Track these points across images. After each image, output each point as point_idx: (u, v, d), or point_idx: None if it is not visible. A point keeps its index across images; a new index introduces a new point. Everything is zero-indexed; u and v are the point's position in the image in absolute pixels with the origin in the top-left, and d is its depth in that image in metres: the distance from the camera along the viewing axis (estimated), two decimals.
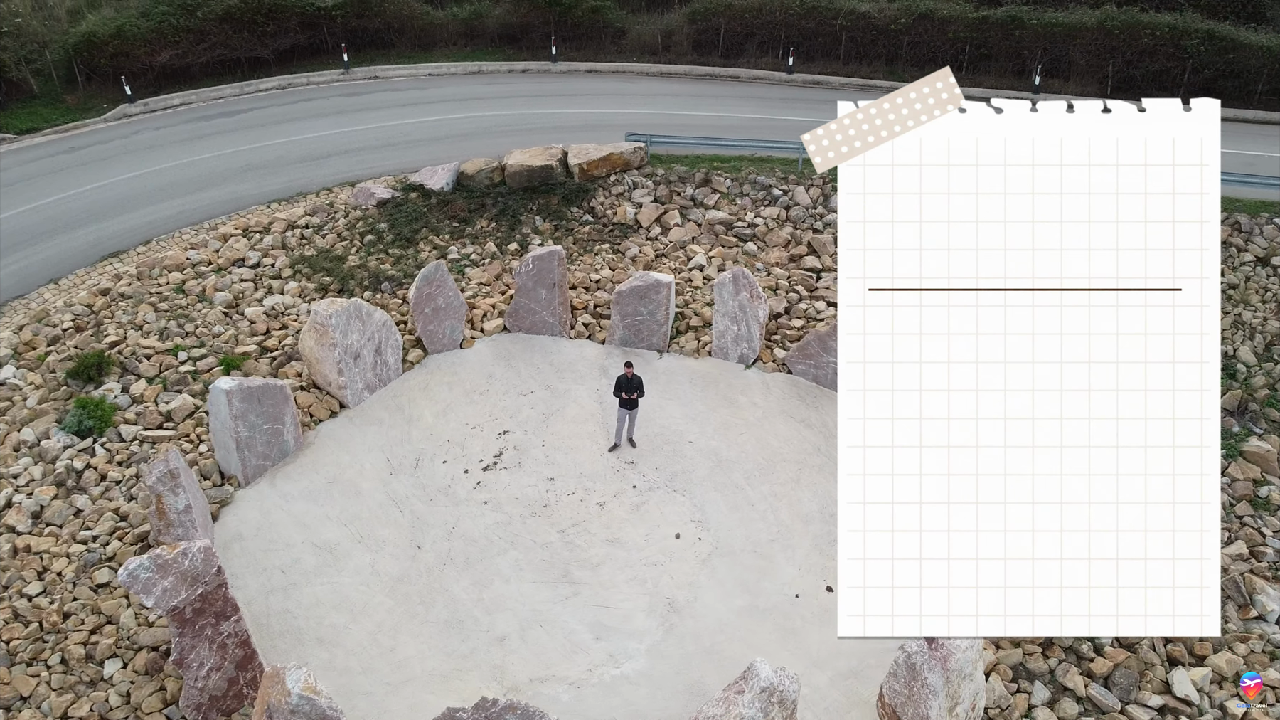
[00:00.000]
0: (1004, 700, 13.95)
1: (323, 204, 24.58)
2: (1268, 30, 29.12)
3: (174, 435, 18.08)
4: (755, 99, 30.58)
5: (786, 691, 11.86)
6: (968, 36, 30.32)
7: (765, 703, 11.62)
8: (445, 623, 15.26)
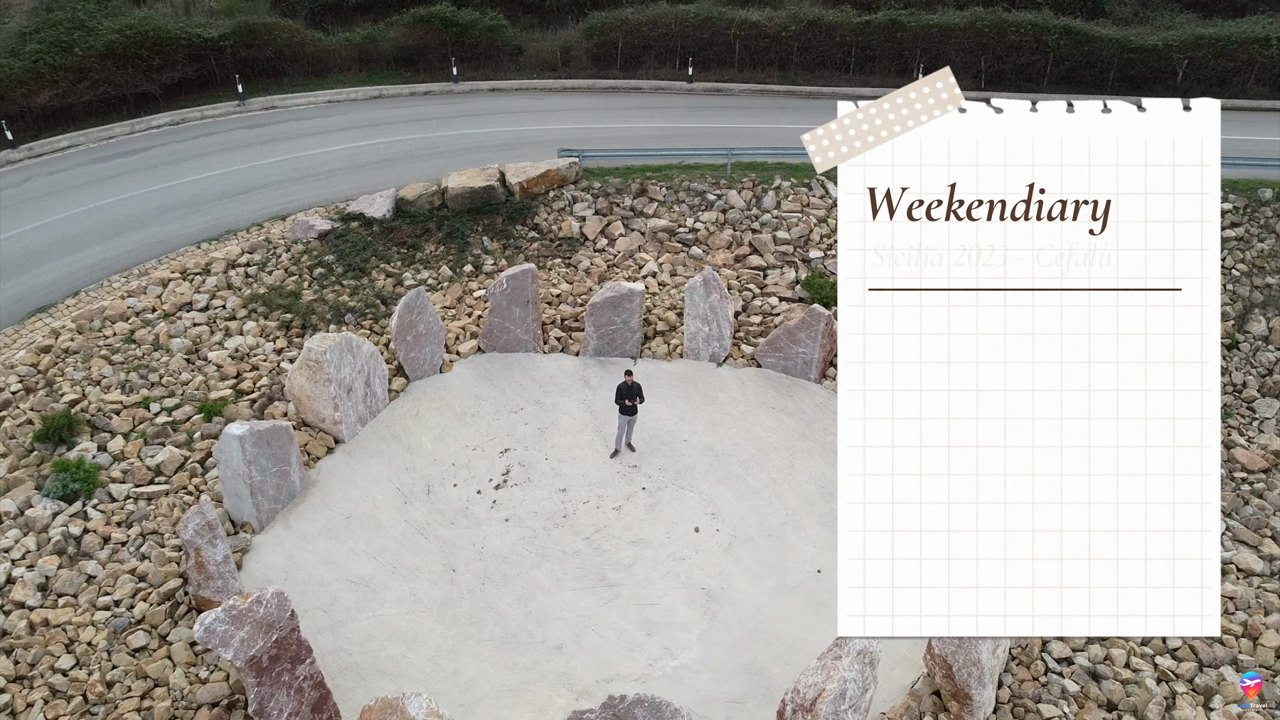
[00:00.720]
0: (1023, 638, 15.47)
1: (259, 240, 23.98)
2: (1108, 23, 32.55)
3: (170, 489, 17.49)
4: (662, 108, 31.66)
5: (875, 652, 12.95)
6: (853, 40, 32.45)
7: (861, 664, 12.65)
8: (500, 639, 15.55)
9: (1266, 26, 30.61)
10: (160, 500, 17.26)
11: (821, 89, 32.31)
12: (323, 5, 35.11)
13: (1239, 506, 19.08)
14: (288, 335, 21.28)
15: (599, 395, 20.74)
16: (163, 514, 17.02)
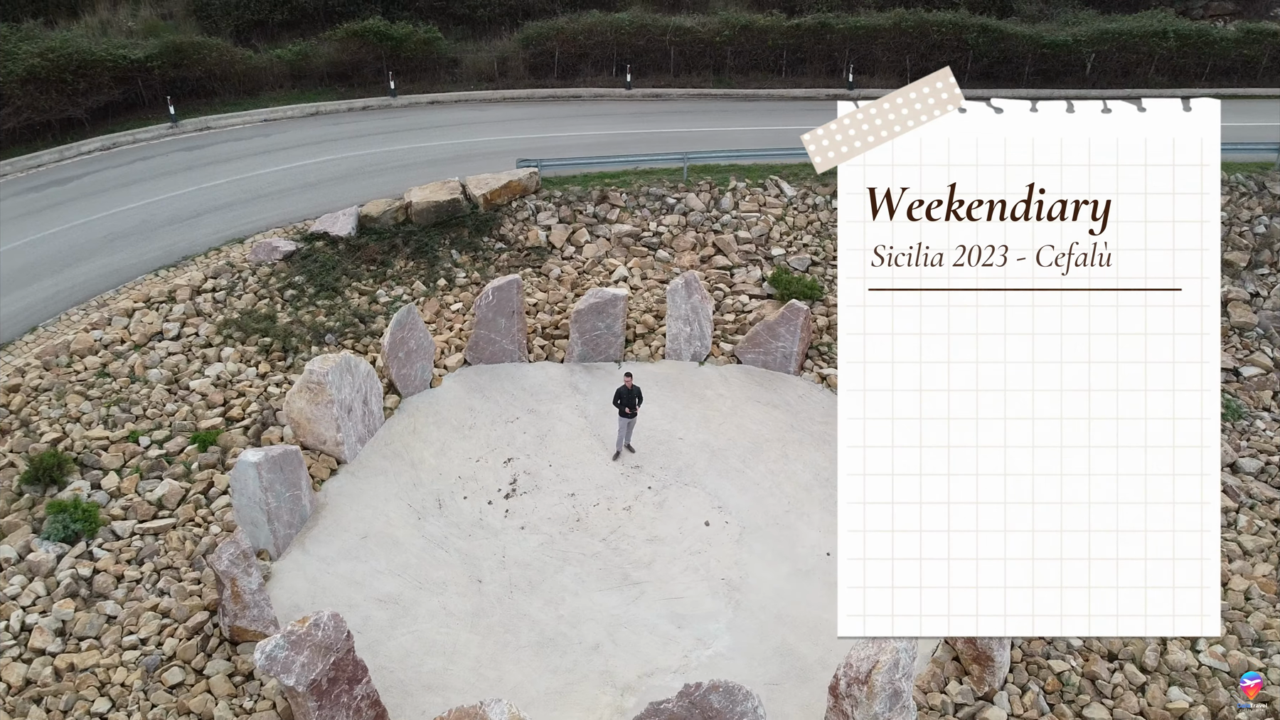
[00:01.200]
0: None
1: (221, 265, 23.49)
2: (1018, 20, 34.46)
3: (175, 522, 17.14)
4: (604, 115, 32.13)
5: None
6: (784, 43, 33.53)
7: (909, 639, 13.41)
8: (538, 644, 15.81)
9: (1163, 21, 32.98)
10: (169, 534, 16.91)
11: (757, 91, 33.29)
12: (247, 22, 34.37)
13: None
14: (269, 359, 20.98)
15: (590, 400, 21.10)
16: (174, 548, 16.68)
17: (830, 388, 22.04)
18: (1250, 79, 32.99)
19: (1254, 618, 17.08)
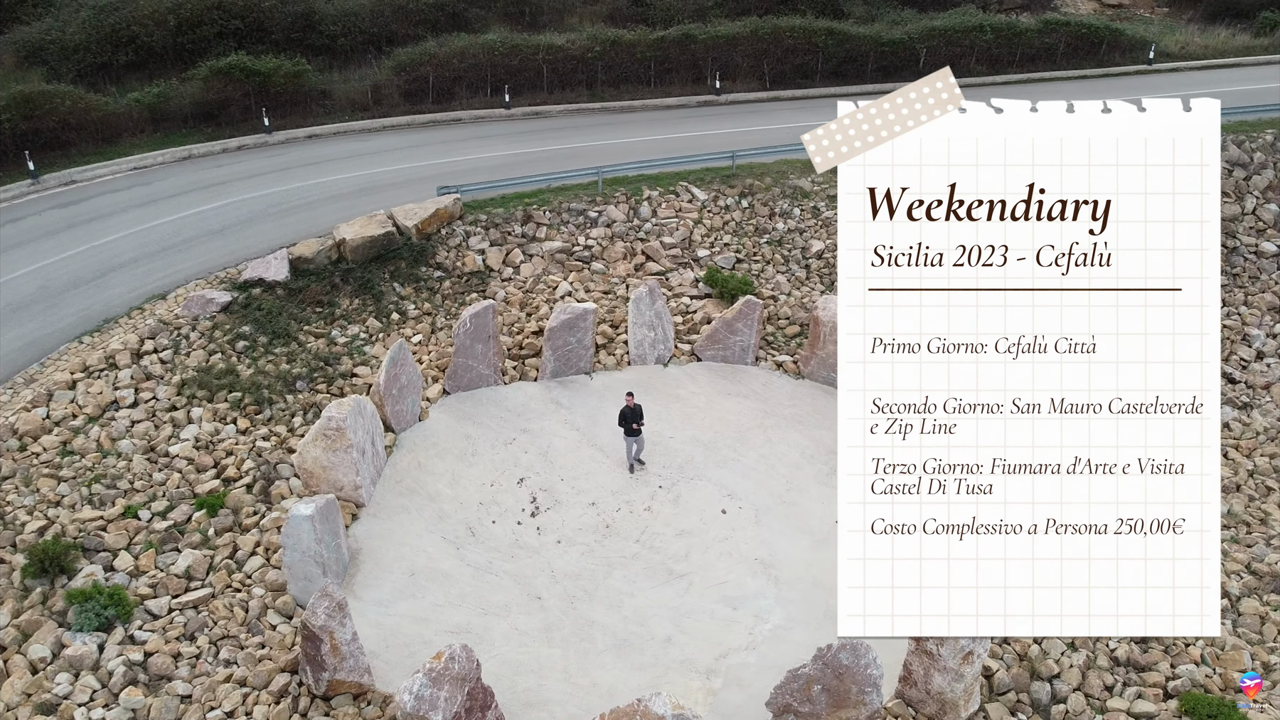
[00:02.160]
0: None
1: (152, 324, 22.27)
2: (853, 22, 37.67)
3: (214, 591, 16.52)
4: (492, 136, 32.45)
5: None
6: (651, 55, 35.05)
7: None
8: (615, 646, 16.51)
9: (979, 17, 37.14)
10: (211, 604, 16.29)
11: (631, 103, 34.66)
12: (90, 66, 32.09)
13: None
14: (244, 414, 20.30)
15: (575, 413, 21.78)
16: (223, 616, 16.11)
17: (787, 373, 23.79)
18: (1051, 64, 37.73)
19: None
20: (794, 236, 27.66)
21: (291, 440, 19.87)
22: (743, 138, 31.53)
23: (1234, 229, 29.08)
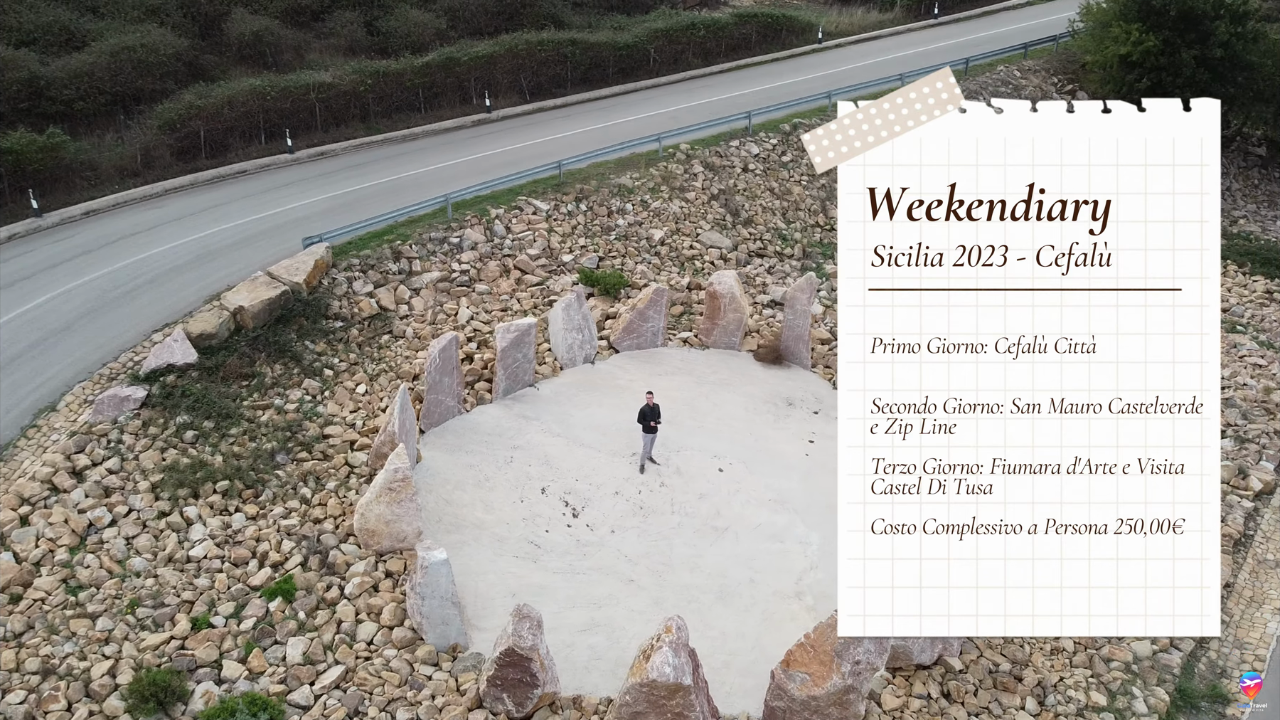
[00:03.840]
0: None
1: (69, 439, 20.01)
2: (576, 31, 40.69)
3: (350, 665, 16.25)
4: (293, 183, 31.19)
5: None
6: (419, 82, 35.47)
7: None
8: (717, 598, 18.68)
9: (691, 16, 41.82)
10: (356, 678, 16.06)
11: (411, 130, 34.88)
12: None
13: None
14: (243, 500, 19.34)
15: (547, 422, 23.01)
16: (375, 684, 15.98)
17: (693, 347, 26.67)
18: (748, 51, 43.48)
19: None
20: (635, 229, 30.43)
21: (314, 511, 19.35)
22: (533, 150, 33.50)
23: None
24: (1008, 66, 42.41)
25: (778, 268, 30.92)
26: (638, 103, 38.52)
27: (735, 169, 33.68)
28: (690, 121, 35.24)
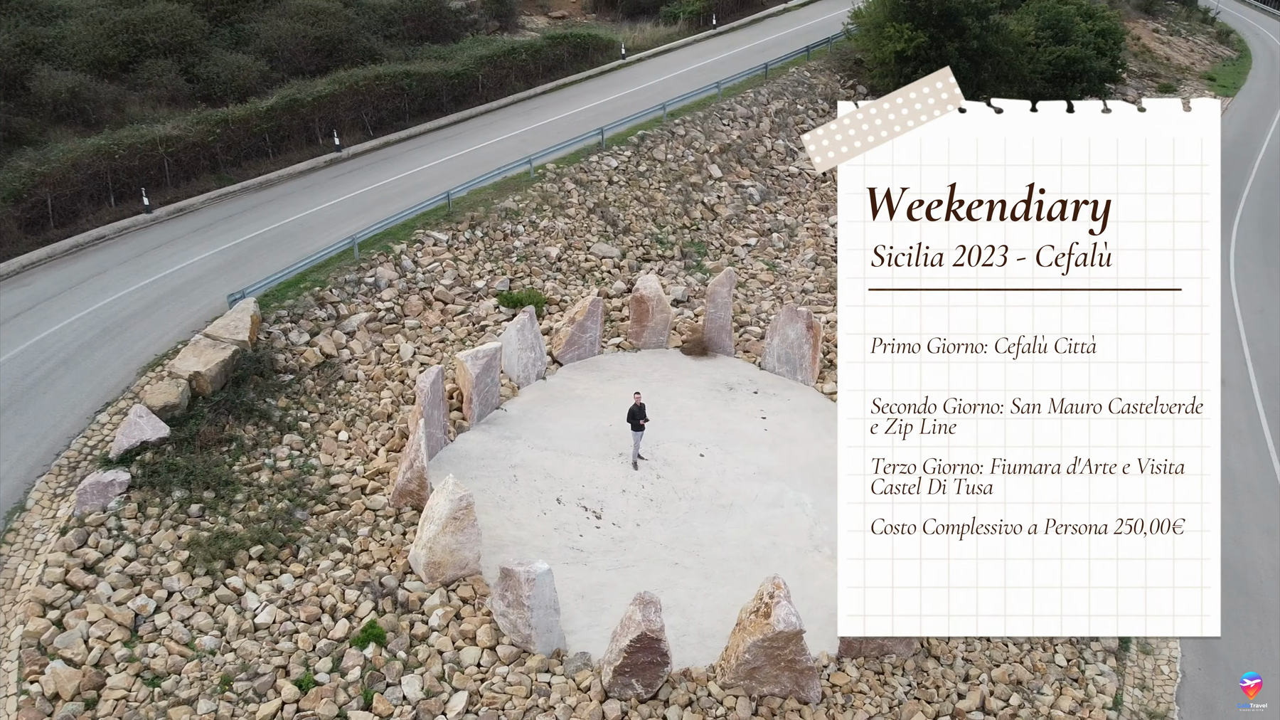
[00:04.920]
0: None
1: (65, 533, 18.70)
2: (393, 62, 40.81)
3: (469, 691, 16.78)
4: (164, 244, 29.23)
5: None
6: (266, 126, 34.31)
7: None
8: (751, 563, 20.63)
9: (513, 41, 43.02)
10: (483, 699, 16.66)
11: (268, 176, 33.69)
12: None
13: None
14: (284, 564, 19.09)
15: (529, 439, 23.88)
16: (503, 699, 16.68)
17: (626, 350, 28.35)
18: (562, 71, 45.24)
19: None
20: (532, 248, 31.62)
21: (360, 558, 19.38)
22: (403, 184, 33.77)
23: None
24: (798, 68, 47.17)
25: (666, 269, 33.21)
26: (480, 129, 39.40)
27: (602, 183, 35.61)
28: (542, 142, 36.82)
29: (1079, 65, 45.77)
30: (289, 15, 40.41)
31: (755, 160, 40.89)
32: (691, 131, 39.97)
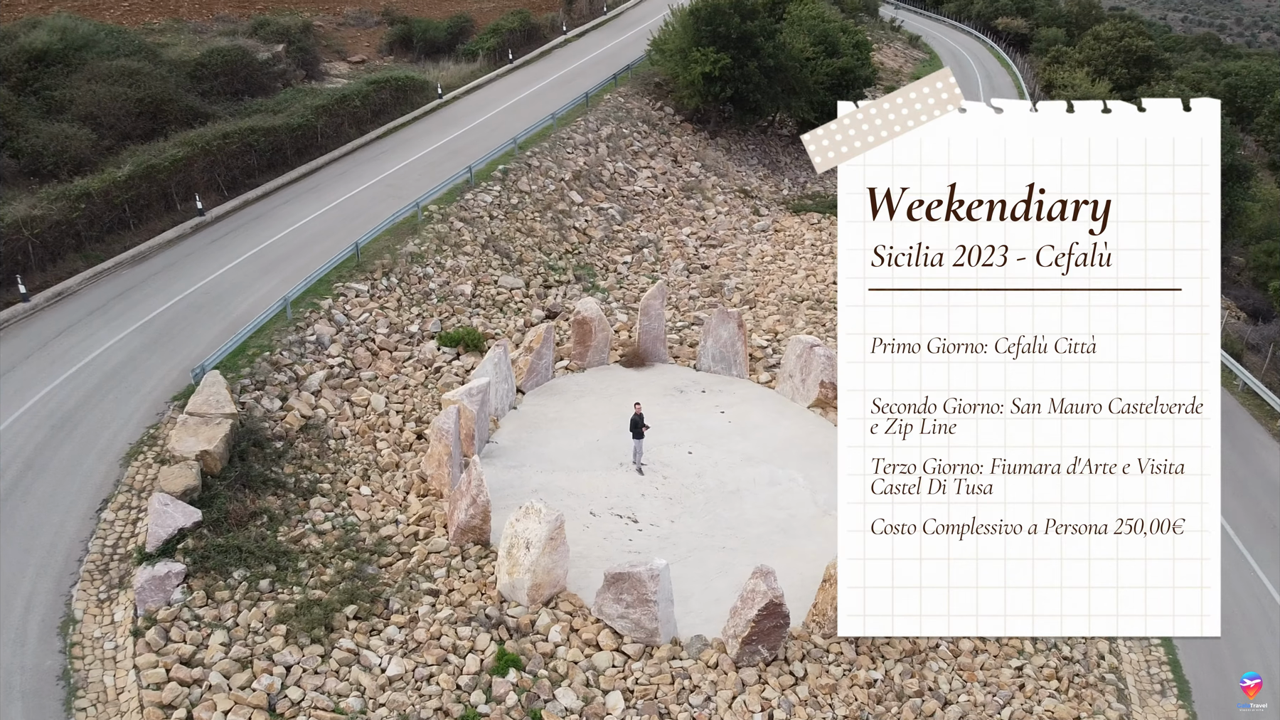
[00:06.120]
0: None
1: (144, 638, 17.81)
2: (237, 119, 39.38)
3: (624, 687, 18.04)
4: (63, 333, 26.73)
5: None
6: (127, 197, 32.05)
7: None
8: (781, 536, 23.18)
9: (348, 89, 42.58)
10: (634, 695, 17.97)
11: (139, 247, 31.54)
12: None
13: None
14: (381, 618, 19.21)
15: (532, 466, 24.97)
16: (653, 690, 18.05)
17: (574, 372, 29.81)
18: (388, 114, 45.09)
19: None
20: (447, 288, 32.23)
21: (453, 597, 19.85)
22: (287, 242, 33.10)
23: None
24: (611, 94, 50.07)
25: (569, 292, 34.86)
26: (337, 179, 38.84)
27: (484, 219, 36.61)
28: (409, 185, 37.40)
29: (851, 74, 52.12)
30: (100, 79, 37.77)
31: (605, 183, 43.32)
32: (545, 162, 41.73)
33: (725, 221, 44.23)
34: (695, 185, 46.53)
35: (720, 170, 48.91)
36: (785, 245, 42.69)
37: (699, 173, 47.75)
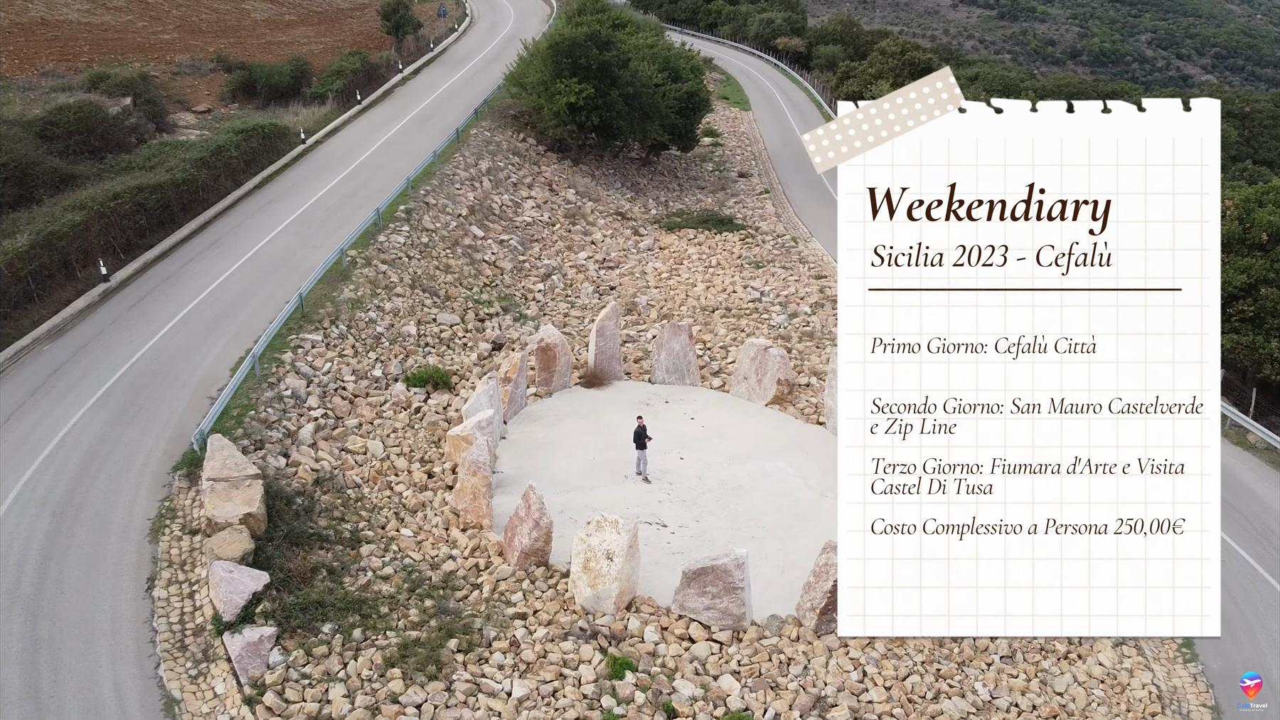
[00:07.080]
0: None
1: (264, 707, 17.56)
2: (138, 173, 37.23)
3: (732, 670, 19.52)
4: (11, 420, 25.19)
5: None
6: (31, 268, 29.60)
7: None
8: (794, 522, 25.33)
9: (220, 141, 40.82)
10: (741, 676, 19.52)
11: (52, 321, 29.48)
12: None
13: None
14: (482, 645, 19.71)
15: (544, 488, 25.45)
16: (757, 669, 19.65)
17: (543, 397, 30.75)
18: (259, 163, 43.65)
19: None
20: (393, 331, 32.29)
21: (540, 617, 20.59)
22: (211, 301, 32.03)
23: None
24: (477, 129, 50.80)
25: (503, 322, 35.63)
26: (236, 231, 37.58)
27: (404, 259, 36.72)
28: (316, 232, 36.93)
29: (696, 96, 55.53)
30: None
31: (498, 216, 44.16)
32: (440, 199, 42.13)
33: (614, 244, 46.13)
34: (576, 211, 48.18)
35: (593, 195, 50.81)
36: (675, 261, 45.11)
37: (575, 199, 49.44)
